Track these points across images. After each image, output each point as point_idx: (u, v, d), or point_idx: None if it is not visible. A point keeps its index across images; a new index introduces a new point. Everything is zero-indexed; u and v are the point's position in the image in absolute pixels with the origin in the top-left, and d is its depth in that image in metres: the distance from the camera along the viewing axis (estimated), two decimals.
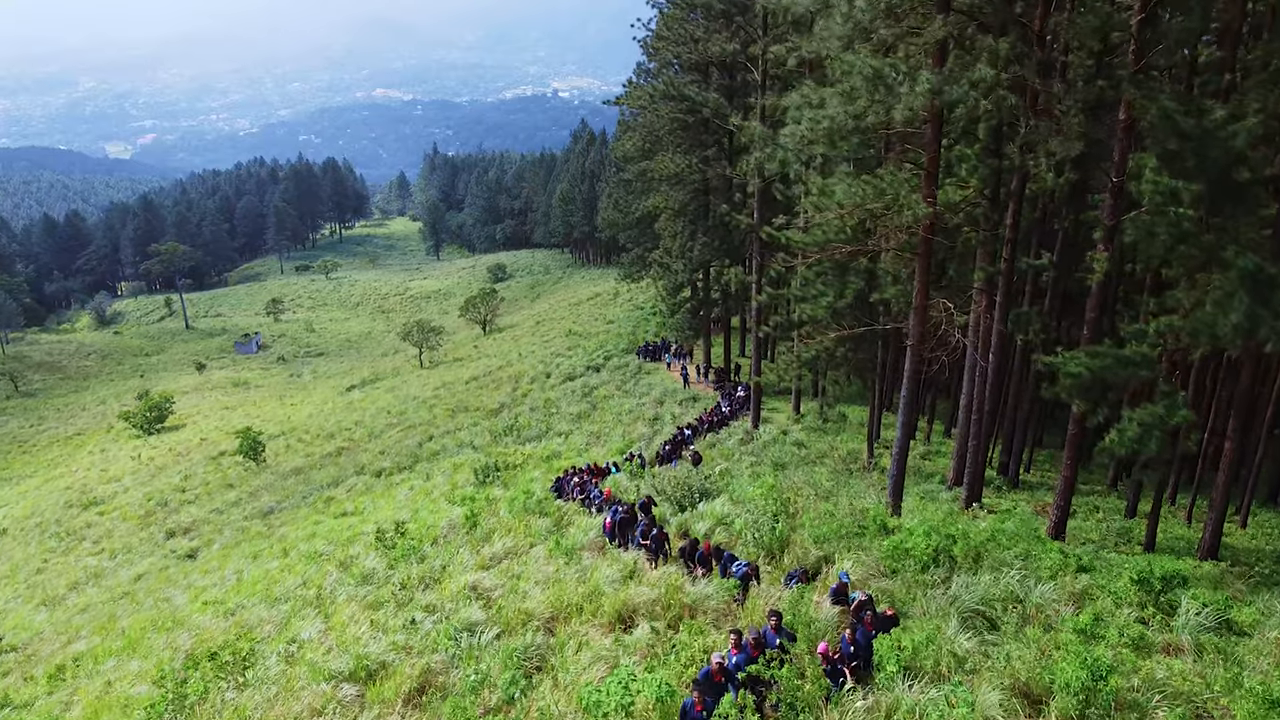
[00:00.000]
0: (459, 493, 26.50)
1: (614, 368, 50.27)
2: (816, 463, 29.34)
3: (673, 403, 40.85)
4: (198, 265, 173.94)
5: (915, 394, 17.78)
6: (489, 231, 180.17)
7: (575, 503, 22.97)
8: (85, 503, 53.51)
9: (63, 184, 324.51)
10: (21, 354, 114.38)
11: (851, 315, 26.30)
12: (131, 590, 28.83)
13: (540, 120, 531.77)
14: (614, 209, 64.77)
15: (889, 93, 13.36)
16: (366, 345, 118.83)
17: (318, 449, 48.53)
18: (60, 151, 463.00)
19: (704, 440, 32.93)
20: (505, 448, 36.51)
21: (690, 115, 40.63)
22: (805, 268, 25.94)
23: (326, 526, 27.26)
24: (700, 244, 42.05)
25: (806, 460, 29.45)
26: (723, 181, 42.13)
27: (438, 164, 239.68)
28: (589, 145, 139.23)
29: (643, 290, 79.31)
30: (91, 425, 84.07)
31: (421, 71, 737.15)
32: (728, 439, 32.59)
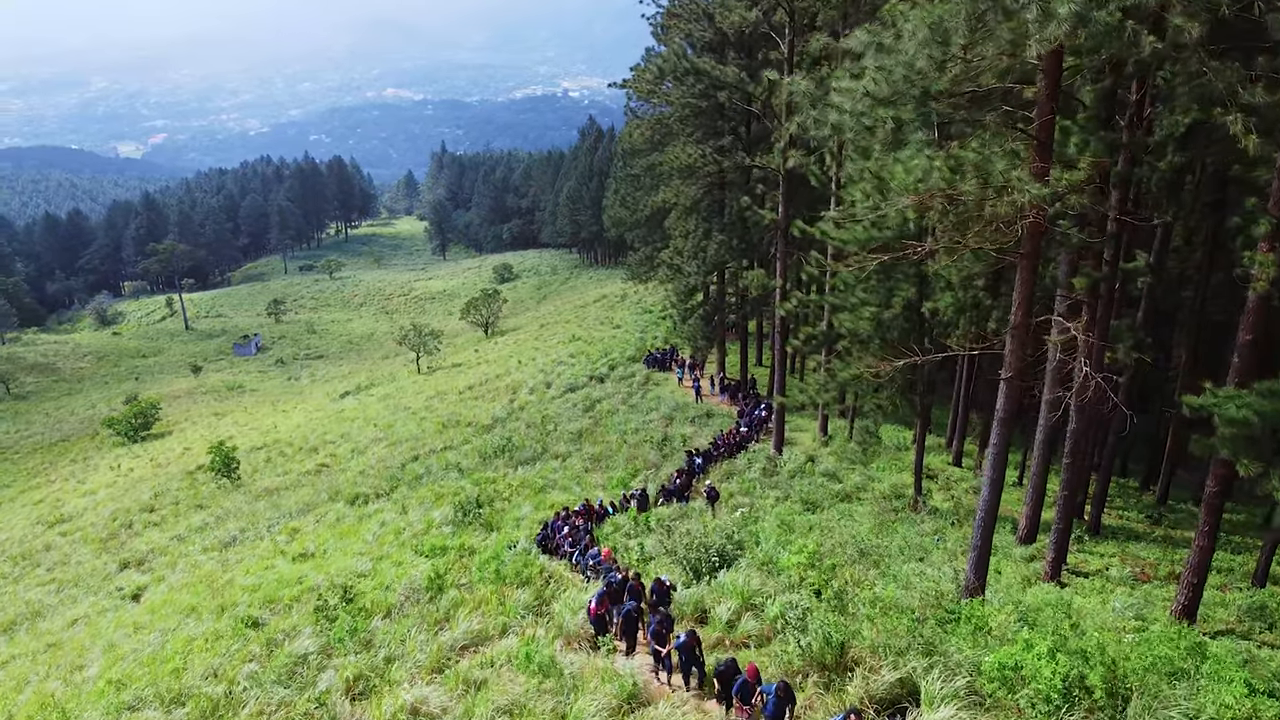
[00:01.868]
0: (431, 538, 22.35)
1: (619, 378, 46.06)
2: (853, 499, 25.08)
3: (684, 420, 36.61)
4: (200, 265, 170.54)
5: (1008, 441, 13.59)
6: (496, 231, 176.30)
7: (565, 562, 18.82)
8: (52, 519, 49.69)
9: (71, 183, 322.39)
10: (15, 355, 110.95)
11: (899, 327, 22.04)
12: (60, 641, 24.81)
13: (550, 120, 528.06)
14: (621, 206, 60.47)
15: (1007, 18, 9.22)
16: (368, 347, 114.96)
17: (297, 466, 44.50)
18: (71, 151, 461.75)
19: (720, 469, 28.67)
20: (495, 472, 32.35)
21: (704, 100, 36.35)
22: (846, 270, 21.69)
23: (277, 574, 23.16)
24: (715, 243, 37.77)
25: (841, 496, 25.18)
26: (740, 174, 37.88)
27: (445, 163, 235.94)
28: (597, 142, 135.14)
29: (651, 292, 75.11)
30: (78, 431, 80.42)
31: (431, 71, 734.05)
32: (747, 467, 28.34)
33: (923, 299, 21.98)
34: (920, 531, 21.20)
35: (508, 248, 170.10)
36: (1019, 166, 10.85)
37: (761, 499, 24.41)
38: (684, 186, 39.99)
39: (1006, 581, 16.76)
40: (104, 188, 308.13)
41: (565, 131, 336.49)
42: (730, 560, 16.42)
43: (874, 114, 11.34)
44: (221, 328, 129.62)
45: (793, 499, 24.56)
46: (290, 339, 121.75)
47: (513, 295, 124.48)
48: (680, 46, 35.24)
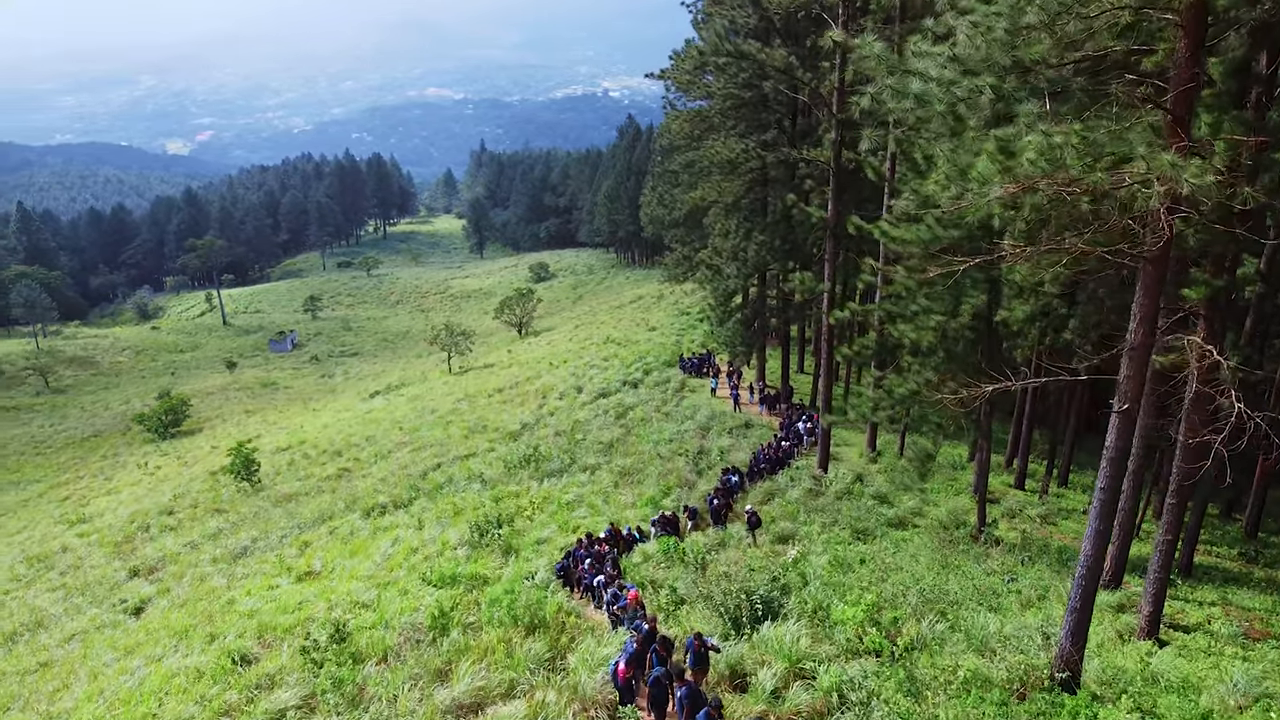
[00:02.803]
0: (443, 562, 20.41)
1: (653, 384, 43.95)
2: (907, 526, 22.71)
3: (720, 431, 34.38)
4: (241, 260, 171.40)
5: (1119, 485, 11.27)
6: (533, 230, 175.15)
7: (587, 596, 16.75)
8: (74, 519, 48.83)
9: (119, 179, 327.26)
10: (55, 348, 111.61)
11: (965, 339, 19.66)
12: (52, 660, 23.29)
13: (590, 119, 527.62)
14: (658, 204, 58.30)
15: None
16: (403, 345, 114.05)
17: (319, 470, 42.98)
18: (120, 147, 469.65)
19: (759, 488, 26.41)
20: (519, 484, 30.41)
21: (747, 90, 34.08)
22: (904, 274, 19.39)
23: (278, 597, 21.42)
24: (756, 243, 35.48)
25: (894, 523, 22.82)
26: (785, 170, 35.55)
27: (484, 161, 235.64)
28: (635, 141, 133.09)
29: (689, 293, 72.92)
30: (110, 427, 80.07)
31: (473, 71, 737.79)
32: (790, 487, 26.05)
33: (994, 307, 19.60)
34: (987, 569, 18.81)
35: (545, 247, 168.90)
36: (1161, 149, 8.56)
37: (806, 525, 22.12)
38: (724, 183, 37.74)
39: (1098, 639, 14.38)
40: (150, 184, 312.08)
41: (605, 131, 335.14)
42: (774, 609, 14.23)
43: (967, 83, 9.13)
44: (259, 324, 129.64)
45: (840, 525, 22.27)
46: (326, 336, 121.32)
47: (549, 295, 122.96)
48: (723, 28, 33.01)
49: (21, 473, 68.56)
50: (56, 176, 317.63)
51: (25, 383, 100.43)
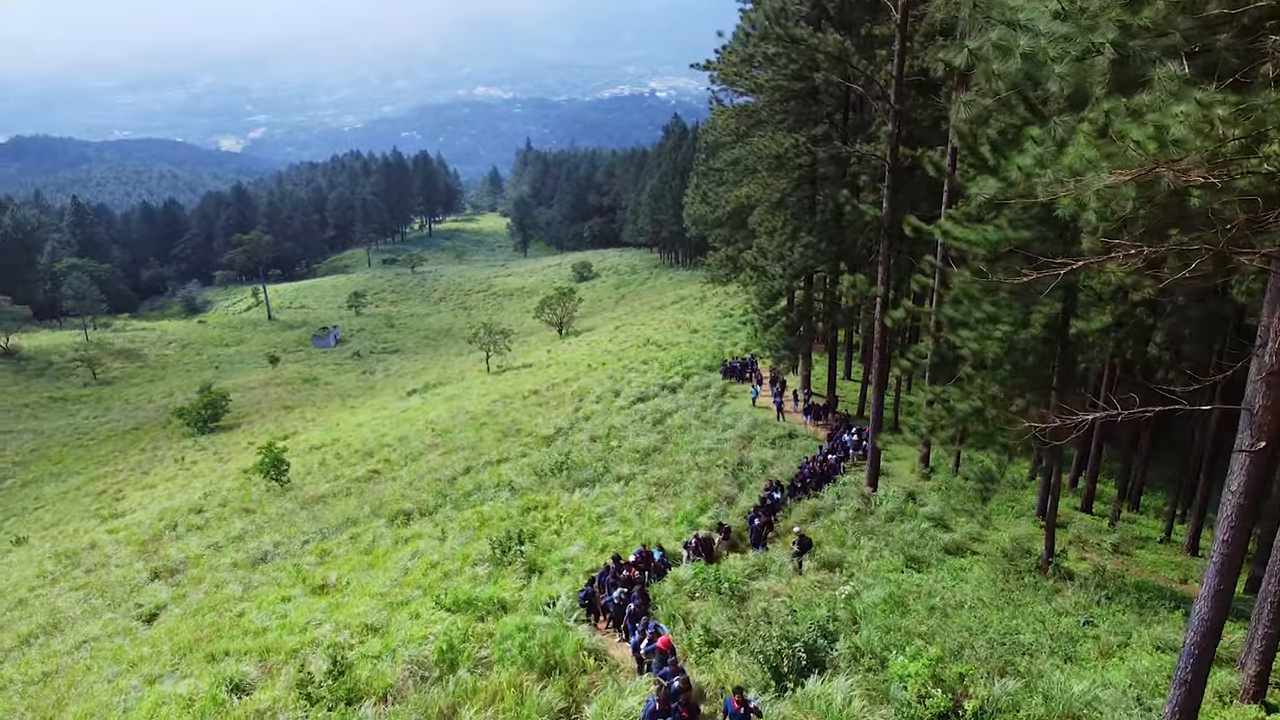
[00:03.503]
0: (461, 582, 19.01)
1: (693, 388, 42.27)
2: (966, 554, 20.79)
3: (763, 441, 32.61)
4: (288, 256, 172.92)
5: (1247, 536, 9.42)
6: (577, 229, 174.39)
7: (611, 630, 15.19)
8: (106, 514, 48.56)
9: (173, 174, 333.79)
10: (104, 340, 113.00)
11: (1036, 351, 17.75)
12: (57, 669, 22.33)
13: (637, 119, 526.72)
14: (701, 202, 56.50)
15: None
16: (444, 342, 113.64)
17: (349, 471, 41.99)
18: (176, 144, 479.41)
19: (804, 506, 24.62)
20: (549, 493, 28.96)
21: (797, 81, 32.30)
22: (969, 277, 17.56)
23: (288, 612, 20.20)
24: (804, 243, 33.65)
25: (951, 549, 20.92)
26: (835, 166, 33.69)
27: (529, 159, 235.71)
28: (681, 140, 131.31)
29: (731, 295, 71.09)
30: (152, 420, 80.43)
31: (521, 70, 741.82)
32: (836, 506, 24.23)
33: (1068, 318, 17.64)
34: (1058, 608, 16.86)
35: (588, 246, 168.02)
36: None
37: (854, 550, 20.32)
38: (771, 180, 35.96)
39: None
40: (203, 179, 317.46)
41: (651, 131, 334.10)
42: (822, 657, 12.54)
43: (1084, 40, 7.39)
44: (303, 319, 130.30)
45: (892, 550, 20.43)
46: (369, 332, 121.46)
47: (591, 294, 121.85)
48: (772, 10, 31.22)
49: (63, 464, 68.94)
50: (113, 171, 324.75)
51: (74, 374, 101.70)
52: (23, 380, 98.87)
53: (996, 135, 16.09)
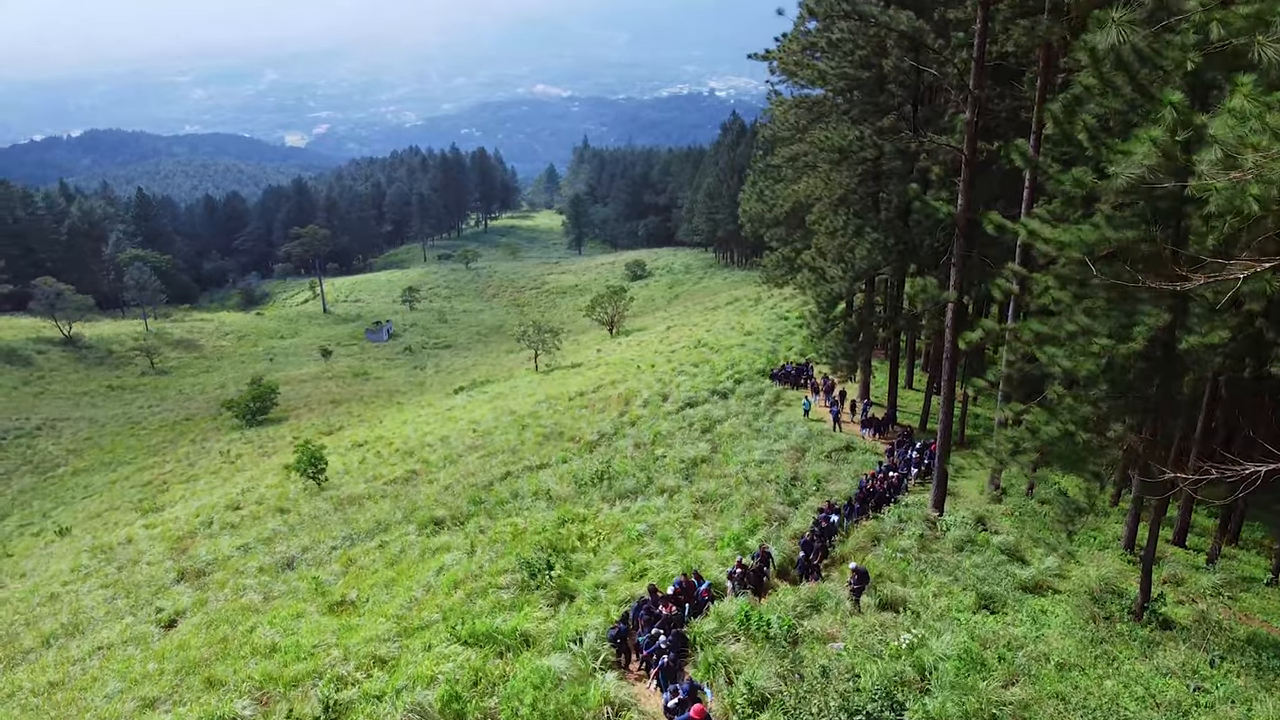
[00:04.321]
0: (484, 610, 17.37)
1: (745, 395, 40.24)
2: (1046, 593, 18.54)
3: (818, 454, 30.52)
4: (345, 250, 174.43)
5: None
6: (631, 227, 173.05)
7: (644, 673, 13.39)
8: (147, 507, 48.32)
9: (238, 168, 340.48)
10: (163, 331, 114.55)
11: (1137, 369, 15.49)
12: (64, 679, 21.26)
13: (695, 119, 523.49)
14: (757, 200, 54.30)
15: None
16: (495, 339, 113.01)
17: (387, 471, 40.86)
18: (243, 139, 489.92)
19: (862, 530, 22.52)
20: (587, 505, 27.28)
21: (864, 69, 30.14)
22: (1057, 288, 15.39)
23: (300, 631, 18.83)
24: (867, 243, 31.44)
25: (1028, 587, 18.68)
26: (903, 160, 31.40)
27: (586, 157, 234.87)
28: (739, 138, 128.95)
29: (788, 297, 68.79)
30: (203, 411, 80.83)
31: (580, 69, 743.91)
32: (898, 531, 22.08)
33: (1175, 332, 15.34)
34: (1161, 667, 14.59)
35: (643, 244, 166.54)
36: None
37: (919, 586, 18.22)
38: (833, 175, 33.82)
39: None
40: (266, 174, 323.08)
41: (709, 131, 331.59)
42: None
43: None
44: (357, 313, 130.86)
45: (962, 586, 18.30)
46: (421, 327, 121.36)
47: (644, 293, 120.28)
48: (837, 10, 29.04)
49: (115, 453, 69.40)
50: (180, 165, 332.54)
51: (133, 363, 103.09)
52: (83, 368, 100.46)
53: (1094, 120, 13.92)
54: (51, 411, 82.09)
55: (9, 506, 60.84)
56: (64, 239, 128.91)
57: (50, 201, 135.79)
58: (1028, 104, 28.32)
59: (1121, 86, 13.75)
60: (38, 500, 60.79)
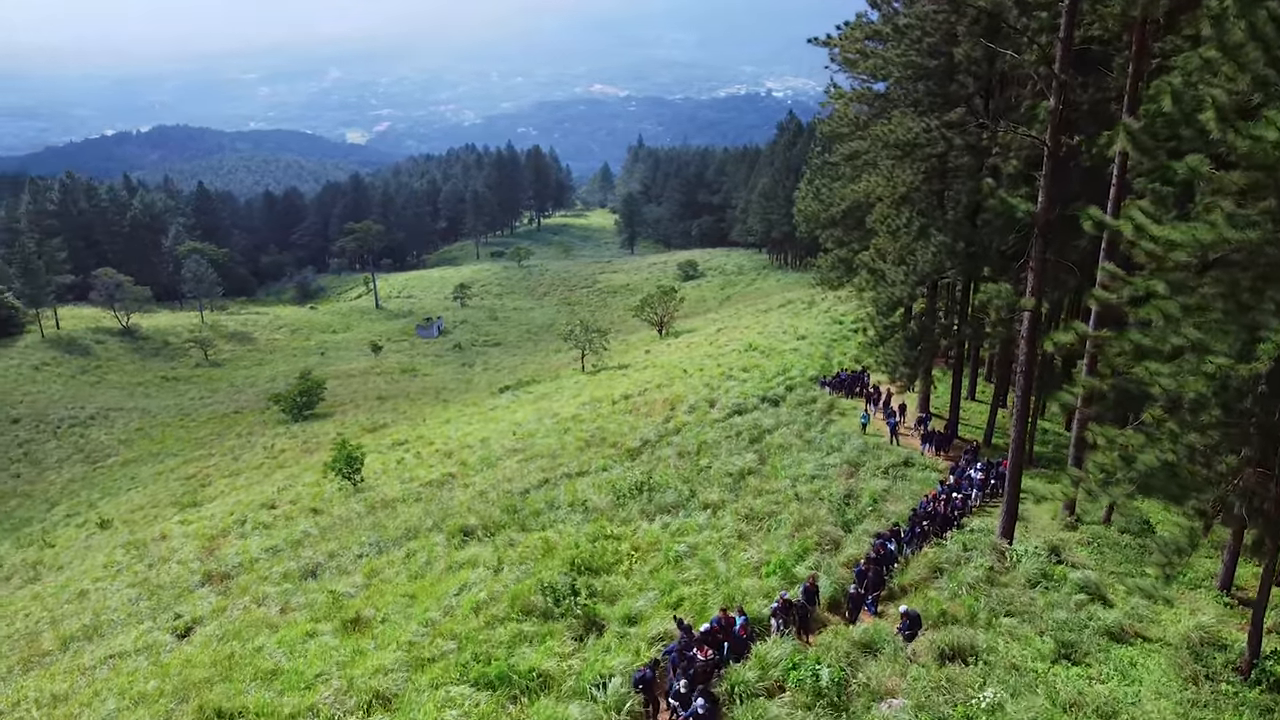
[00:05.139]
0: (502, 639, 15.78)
1: (796, 403, 38.20)
2: (1134, 641, 16.37)
3: (874, 470, 28.46)
4: (399, 246, 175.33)
5: None
6: (684, 227, 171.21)
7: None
8: (186, 502, 47.89)
9: (298, 164, 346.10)
10: (218, 323, 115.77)
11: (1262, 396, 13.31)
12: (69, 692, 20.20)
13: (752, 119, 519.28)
14: (814, 199, 52.07)
15: None
16: (545, 338, 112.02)
17: (424, 473, 39.70)
18: (306, 135, 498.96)
19: (922, 560, 20.49)
20: (625, 518, 25.63)
21: (932, 57, 28.03)
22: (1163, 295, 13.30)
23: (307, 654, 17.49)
24: (933, 244, 29.27)
25: (1113, 634, 16.52)
26: (972, 155, 29.12)
27: (641, 156, 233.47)
28: (795, 138, 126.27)
29: (843, 300, 66.35)
30: (252, 404, 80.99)
31: (638, 69, 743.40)
32: (963, 561, 20.01)
33: None
34: None
35: (696, 244, 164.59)
36: None
37: (989, 629, 16.18)
38: (896, 172, 31.69)
39: None
40: (327, 170, 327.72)
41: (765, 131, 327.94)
42: None
43: None
44: (409, 309, 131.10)
45: (1037, 630, 16.23)
46: (471, 324, 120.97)
47: (695, 294, 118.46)
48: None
49: (164, 444, 69.71)
50: (243, 160, 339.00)
51: (187, 354, 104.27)
52: (139, 359, 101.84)
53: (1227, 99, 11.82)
54: (106, 401, 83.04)
55: (59, 495, 61.30)
56: (126, 231, 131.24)
57: (114, 194, 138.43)
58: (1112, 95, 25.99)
59: (1253, 61, 11.64)
60: (86, 490, 61.15)
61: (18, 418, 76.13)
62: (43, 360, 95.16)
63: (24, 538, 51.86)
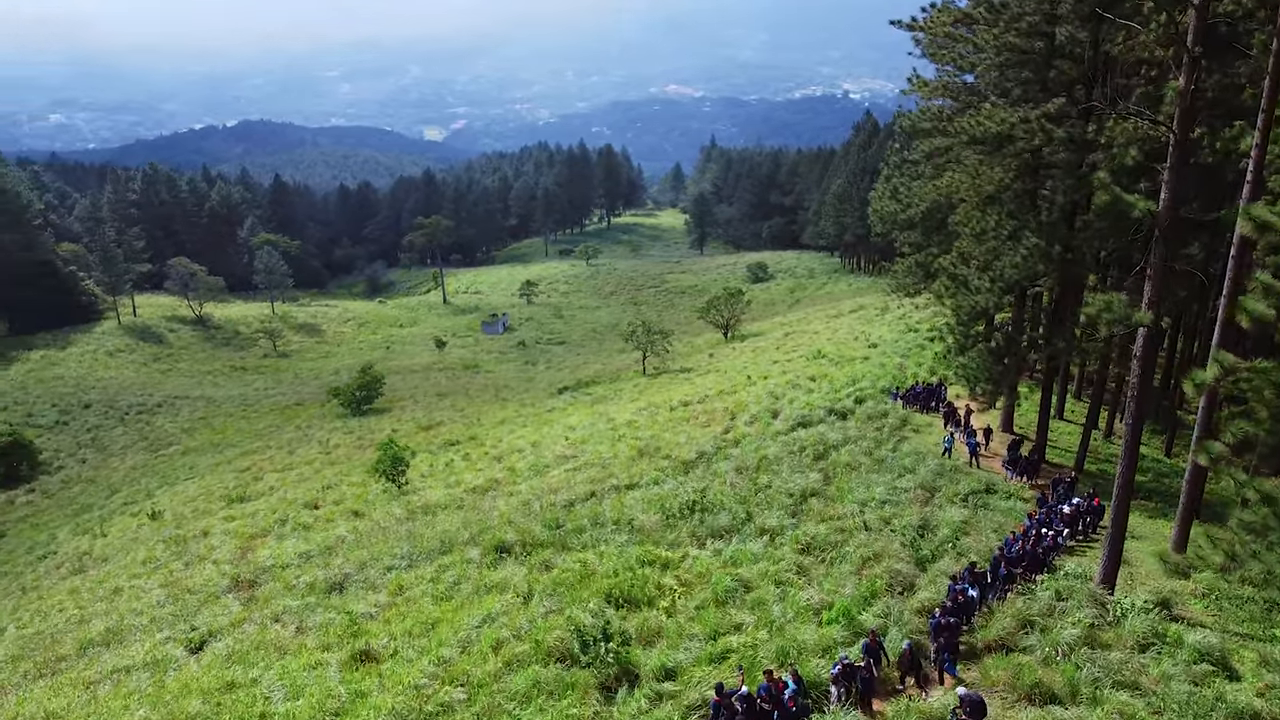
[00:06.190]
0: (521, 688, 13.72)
1: (866, 417, 35.42)
2: None
3: (951, 496, 25.71)
4: (470, 242, 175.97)
5: None
6: (755, 228, 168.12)
7: None
8: (235, 496, 47.11)
9: (375, 160, 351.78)
10: (288, 314, 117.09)
11: None
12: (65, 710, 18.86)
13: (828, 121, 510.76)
14: (891, 198, 48.94)
15: None
16: (610, 338, 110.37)
17: (470, 478, 38.11)
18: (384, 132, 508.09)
19: (1008, 608, 17.80)
20: (674, 542, 23.43)
21: (1033, 38, 25.16)
22: None
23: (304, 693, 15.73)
24: (1025, 249, 26.36)
25: (1247, 717, 13.70)
26: (1072, 150, 26.14)
27: (713, 156, 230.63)
28: (871, 139, 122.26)
29: (919, 308, 62.93)
30: (313, 396, 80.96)
31: (713, 69, 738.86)
32: (1057, 614, 17.29)
33: None
34: None
35: (766, 246, 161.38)
36: None
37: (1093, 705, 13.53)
38: (984, 168, 28.83)
39: None
40: (402, 165, 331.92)
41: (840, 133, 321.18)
42: None
43: None
44: (476, 304, 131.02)
45: (1152, 709, 13.53)
46: (536, 322, 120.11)
47: (764, 296, 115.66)
48: None
49: (224, 434, 69.82)
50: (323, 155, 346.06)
51: (256, 344, 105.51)
52: (210, 348, 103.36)
53: None
54: (174, 389, 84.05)
55: (120, 482, 61.61)
56: (203, 222, 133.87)
57: (194, 186, 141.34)
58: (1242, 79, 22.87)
59: None
60: (146, 478, 61.30)
61: (89, 403, 77.31)
62: (117, 347, 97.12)
63: (82, 525, 51.94)
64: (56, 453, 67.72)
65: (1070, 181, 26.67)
